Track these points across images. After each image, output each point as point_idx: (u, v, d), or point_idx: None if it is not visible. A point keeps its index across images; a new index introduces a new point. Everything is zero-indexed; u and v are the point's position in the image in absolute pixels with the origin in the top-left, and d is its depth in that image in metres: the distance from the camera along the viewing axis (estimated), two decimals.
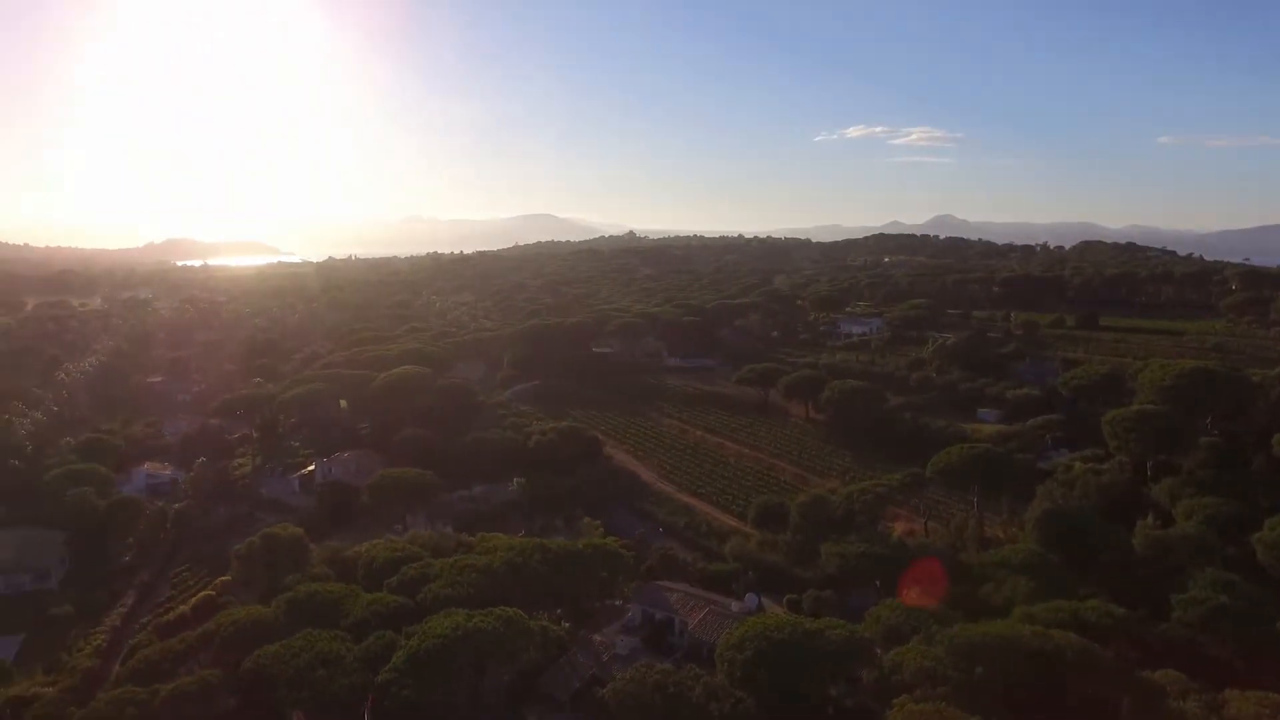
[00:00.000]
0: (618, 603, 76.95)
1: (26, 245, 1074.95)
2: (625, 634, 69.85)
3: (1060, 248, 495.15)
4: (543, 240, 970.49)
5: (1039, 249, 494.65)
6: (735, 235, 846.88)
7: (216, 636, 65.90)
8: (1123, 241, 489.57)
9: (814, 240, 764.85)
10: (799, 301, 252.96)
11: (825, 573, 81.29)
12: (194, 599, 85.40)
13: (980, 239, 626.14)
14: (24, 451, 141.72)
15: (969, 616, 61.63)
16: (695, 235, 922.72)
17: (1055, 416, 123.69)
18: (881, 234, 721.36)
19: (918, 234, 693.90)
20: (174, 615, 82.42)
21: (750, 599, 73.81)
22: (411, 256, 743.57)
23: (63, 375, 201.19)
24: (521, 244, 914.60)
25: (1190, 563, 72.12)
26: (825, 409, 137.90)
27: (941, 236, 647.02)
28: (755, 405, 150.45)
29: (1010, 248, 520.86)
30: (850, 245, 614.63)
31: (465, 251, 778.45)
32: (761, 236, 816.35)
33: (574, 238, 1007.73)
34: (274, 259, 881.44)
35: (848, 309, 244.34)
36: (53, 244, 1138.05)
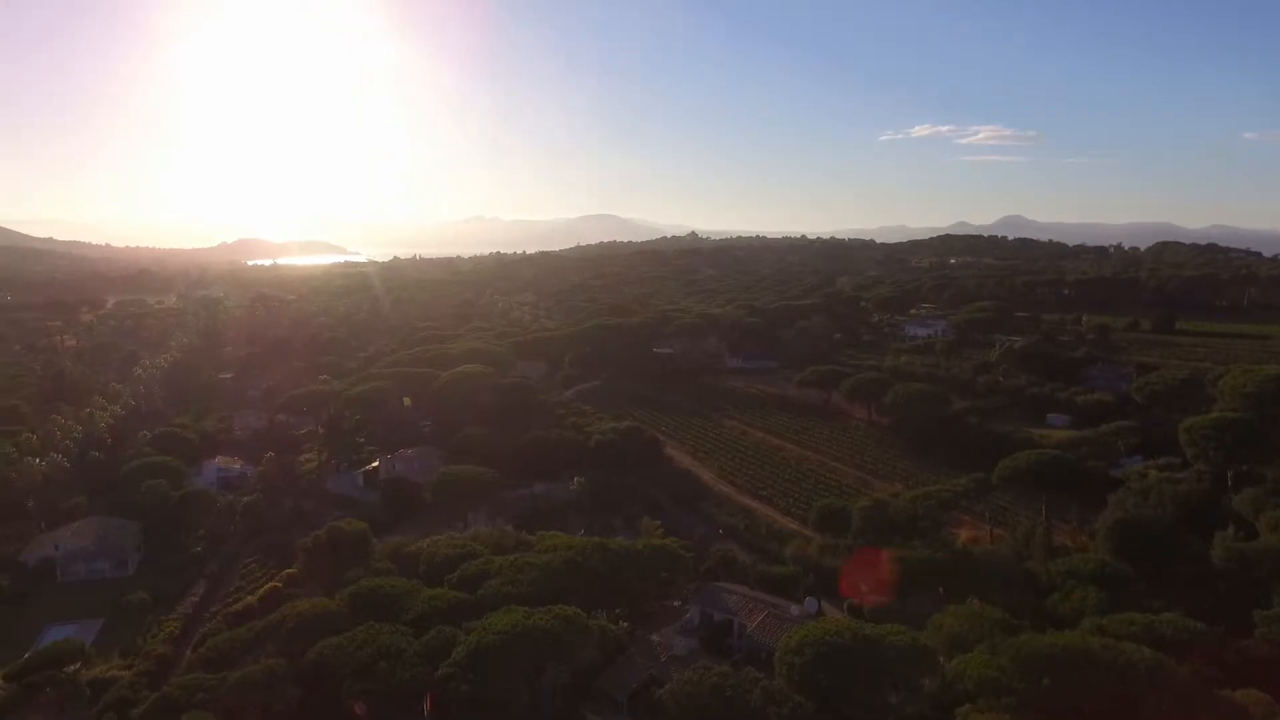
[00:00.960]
0: (676, 603, 76.61)
1: (108, 245, 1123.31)
2: (683, 635, 69.50)
3: (1135, 249, 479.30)
4: (605, 240, 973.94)
5: (1113, 250, 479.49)
6: (798, 236, 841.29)
7: (282, 627, 67.40)
8: (1203, 242, 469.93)
9: (878, 241, 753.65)
10: (862, 303, 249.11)
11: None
12: (261, 590, 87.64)
13: (1050, 240, 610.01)
14: (104, 444, 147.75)
15: (1035, 626, 59.89)
16: (758, 236, 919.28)
17: (1129, 423, 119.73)
18: (948, 235, 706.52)
19: (985, 235, 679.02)
20: (242, 605, 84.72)
21: (810, 603, 72.89)
22: (475, 256, 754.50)
23: (140, 370, 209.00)
24: (584, 244, 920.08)
25: (1274, 577, 69.07)
26: (888, 412, 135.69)
27: (1010, 237, 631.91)
28: (817, 408, 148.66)
29: (1082, 249, 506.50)
30: (915, 246, 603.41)
31: (528, 251, 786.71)
32: (825, 237, 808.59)
33: (636, 238, 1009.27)
34: (341, 258, 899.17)
35: (912, 311, 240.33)
36: (132, 244, 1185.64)
